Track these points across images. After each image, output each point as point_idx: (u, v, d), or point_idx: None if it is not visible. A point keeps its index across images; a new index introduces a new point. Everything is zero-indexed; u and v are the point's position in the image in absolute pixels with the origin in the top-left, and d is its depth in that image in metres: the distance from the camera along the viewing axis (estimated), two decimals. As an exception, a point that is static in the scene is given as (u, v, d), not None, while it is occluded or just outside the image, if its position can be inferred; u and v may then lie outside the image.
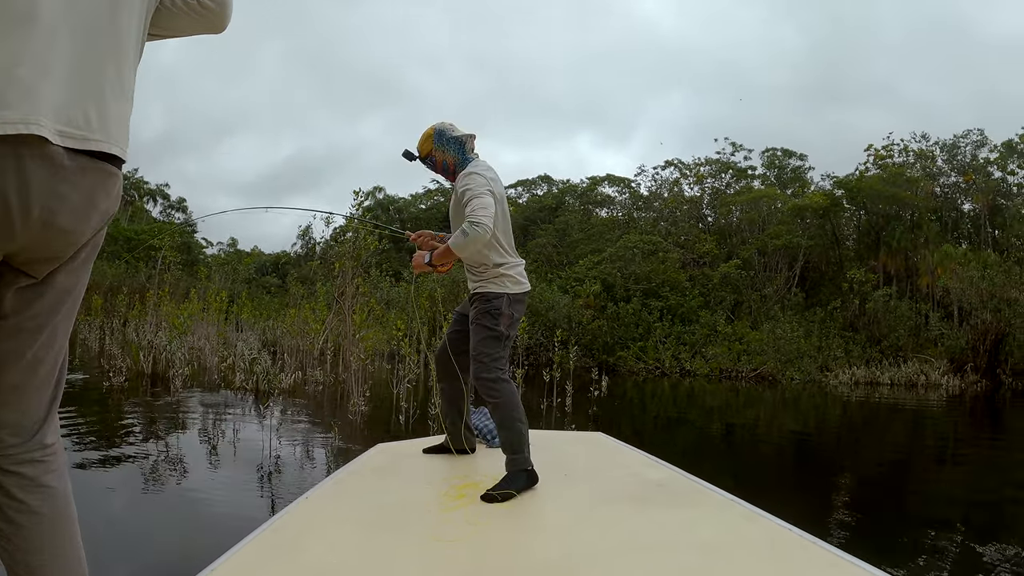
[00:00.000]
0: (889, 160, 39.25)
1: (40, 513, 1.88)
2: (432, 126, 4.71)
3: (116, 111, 1.86)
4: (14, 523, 1.85)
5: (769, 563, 3.09)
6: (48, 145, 1.66)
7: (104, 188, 1.84)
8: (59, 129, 1.69)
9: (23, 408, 1.89)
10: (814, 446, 12.42)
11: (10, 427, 1.87)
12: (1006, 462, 11.09)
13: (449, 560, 3.15)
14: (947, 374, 25.86)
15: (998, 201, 37.40)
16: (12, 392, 1.87)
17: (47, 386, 1.94)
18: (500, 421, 4.32)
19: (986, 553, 5.93)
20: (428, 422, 10.99)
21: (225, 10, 2.21)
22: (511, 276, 4.52)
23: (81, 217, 1.80)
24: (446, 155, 4.62)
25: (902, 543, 6.22)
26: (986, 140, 38.41)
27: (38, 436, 1.91)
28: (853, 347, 29.11)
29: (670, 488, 4.33)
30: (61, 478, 1.95)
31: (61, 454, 1.99)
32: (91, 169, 1.79)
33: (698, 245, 37.58)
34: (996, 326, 25.96)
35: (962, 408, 19.02)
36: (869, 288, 31.69)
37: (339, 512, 3.86)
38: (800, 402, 19.98)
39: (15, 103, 1.61)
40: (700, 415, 16.76)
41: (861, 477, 9.62)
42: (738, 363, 28.52)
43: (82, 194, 1.78)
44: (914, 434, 14.49)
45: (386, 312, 21.50)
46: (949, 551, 6.03)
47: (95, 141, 1.77)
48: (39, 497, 1.88)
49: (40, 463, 1.90)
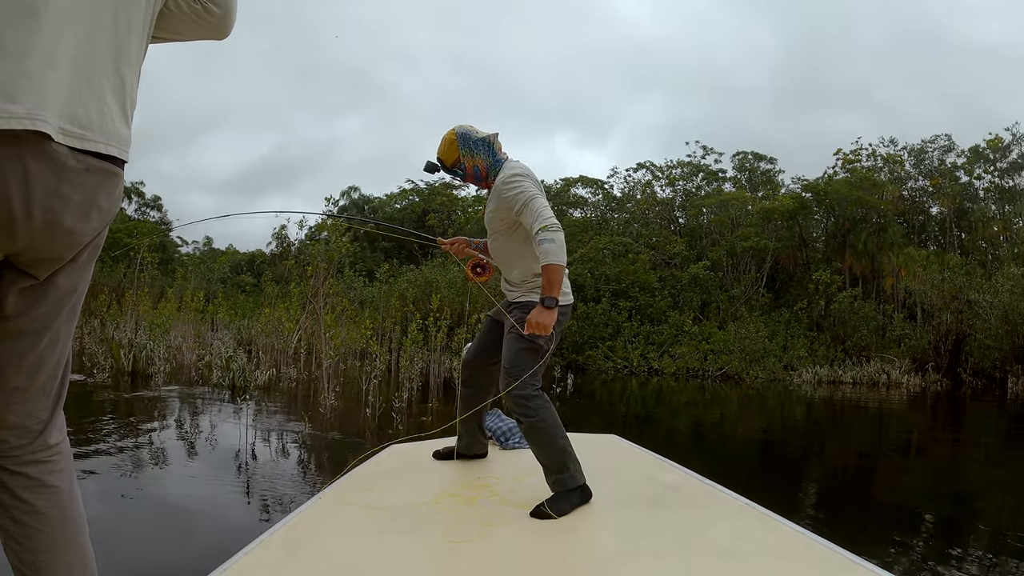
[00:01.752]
0: (857, 164, 40.02)
1: (45, 514, 1.86)
2: (452, 130, 4.32)
3: (118, 111, 1.85)
4: (20, 523, 1.84)
5: (784, 568, 3.10)
6: (51, 143, 1.65)
7: (105, 189, 1.83)
8: (62, 127, 1.67)
9: (26, 410, 1.87)
10: (779, 442, 12.88)
11: (13, 428, 1.86)
12: (965, 456, 11.70)
13: (462, 561, 3.15)
14: (908, 373, 26.51)
15: (965, 205, 38.16)
16: (15, 394, 1.85)
17: (50, 388, 1.93)
18: (540, 442, 3.96)
19: (950, 540, 6.30)
20: (392, 415, 11.49)
21: (228, 16, 2.21)
22: None
23: (83, 217, 1.78)
24: (476, 160, 4.27)
25: (868, 532, 6.50)
26: (953, 145, 39.29)
27: (42, 437, 1.90)
28: (818, 347, 29.77)
29: (685, 492, 4.29)
30: (67, 478, 1.95)
31: (67, 454, 1.99)
32: (94, 169, 1.77)
33: (669, 246, 38.07)
34: (957, 327, 26.61)
35: (924, 406, 19.59)
36: (835, 289, 32.37)
37: (352, 512, 3.83)
38: (764, 400, 20.52)
39: (23, 97, 1.60)
40: (667, 413, 17.24)
41: (827, 470, 10.18)
42: (704, 362, 29.12)
43: (84, 194, 1.76)
44: (878, 430, 15.01)
45: (359, 311, 21.84)
46: (915, 539, 6.38)
47: (94, 142, 1.76)
48: (44, 497, 1.87)
49: (45, 464, 1.89)
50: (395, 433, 10.28)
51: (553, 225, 3.82)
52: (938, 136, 39.59)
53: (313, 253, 16.30)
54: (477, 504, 3.98)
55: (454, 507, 3.92)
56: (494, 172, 4.25)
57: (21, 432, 1.86)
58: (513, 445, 5.53)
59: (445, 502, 4.03)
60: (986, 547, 6.08)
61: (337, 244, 15.80)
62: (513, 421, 5.53)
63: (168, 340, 18.59)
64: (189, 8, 2.11)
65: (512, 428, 5.64)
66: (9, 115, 1.56)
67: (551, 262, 3.79)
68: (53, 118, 1.63)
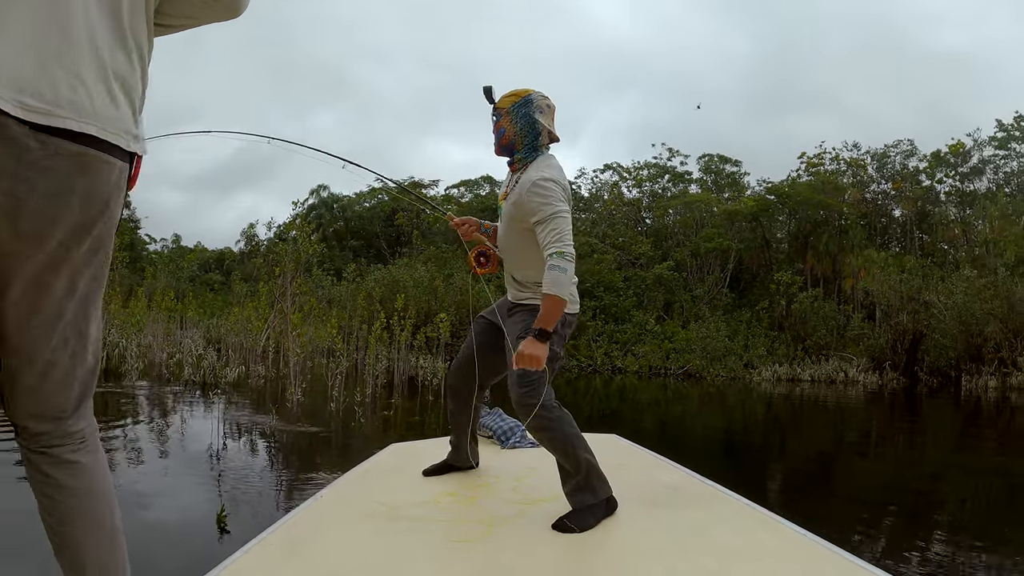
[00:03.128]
0: (821, 167, 40.71)
1: (71, 487, 1.88)
2: (530, 91, 3.92)
3: (102, 90, 1.68)
4: (49, 497, 1.87)
5: (785, 569, 3.09)
6: (7, 119, 1.48)
7: (88, 175, 1.66)
8: (19, 100, 1.50)
9: (43, 405, 1.86)
10: (741, 437, 13.33)
11: (34, 419, 1.87)
12: (925, 448, 12.31)
13: (463, 561, 3.12)
14: (864, 371, 27.19)
15: (926, 208, 38.89)
16: (29, 392, 1.84)
17: (69, 383, 1.89)
18: (561, 453, 3.70)
19: (911, 524, 6.68)
20: (355, 408, 11.99)
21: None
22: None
23: (56, 205, 1.62)
24: (511, 126, 3.89)
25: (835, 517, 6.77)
26: (915, 150, 39.93)
27: (65, 426, 1.90)
28: (778, 346, 30.40)
29: (686, 492, 4.28)
30: (92, 455, 1.95)
31: (93, 435, 1.99)
32: (66, 152, 1.60)
33: (635, 247, 38.49)
34: (914, 327, 27.30)
35: (882, 403, 20.11)
36: (796, 290, 32.99)
37: (352, 512, 3.79)
38: (725, 398, 21.03)
39: None
40: (631, 410, 17.63)
41: (790, 461, 10.63)
42: (667, 361, 29.71)
43: (55, 180, 1.59)
44: (840, 425, 15.52)
45: (327, 310, 22.15)
46: (878, 523, 6.72)
47: (63, 118, 1.57)
48: (70, 473, 1.88)
49: (67, 445, 1.90)
50: (357, 426, 10.73)
51: (569, 254, 3.55)
52: (900, 141, 40.31)
53: (281, 252, 16.59)
54: (477, 504, 3.96)
55: (454, 507, 3.91)
56: (522, 157, 3.90)
57: (42, 422, 1.87)
58: (514, 444, 5.49)
59: (445, 502, 4.00)
60: (944, 529, 6.50)
61: (305, 245, 16.10)
62: (514, 420, 5.57)
63: (139, 338, 18.87)
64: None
65: (513, 427, 5.58)
66: None
67: (554, 293, 3.52)
68: (7, 91, 1.47)
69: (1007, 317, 25.14)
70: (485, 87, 4.03)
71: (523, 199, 3.73)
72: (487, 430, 5.61)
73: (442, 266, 36.59)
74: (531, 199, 3.68)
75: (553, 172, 3.76)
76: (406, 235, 48.14)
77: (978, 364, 25.17)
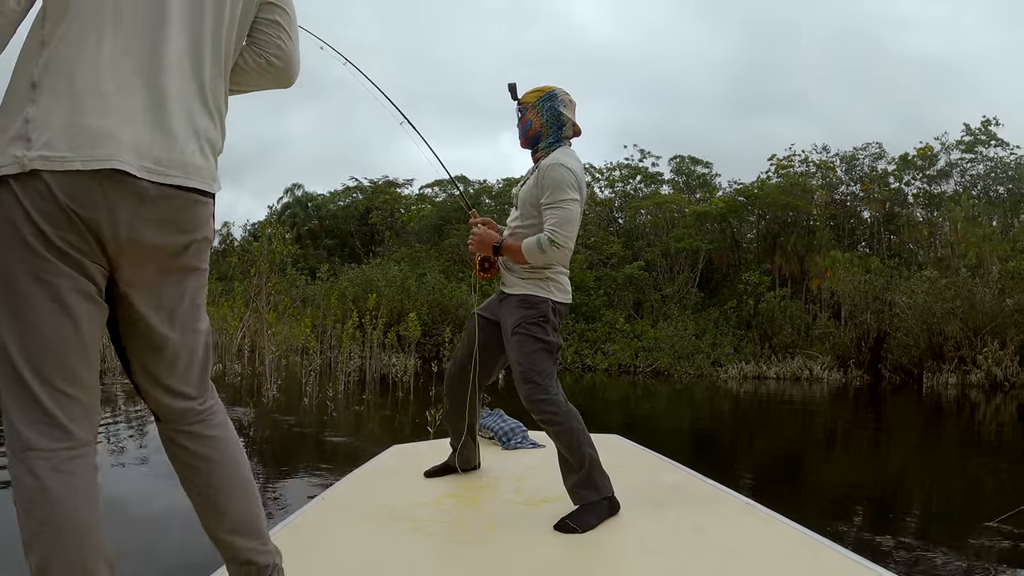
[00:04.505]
0: (790, 169, 41.22)
1: (209, 456, 2.19)
2: (553, 87, 4.13)
3: (196, 149, 2.04)
4: (192, 467, 2.19)
5: (787, 568, 3.10)
6: (132, 177, 1.86)
7: (186, 212, 2.03)
8: (143, 165, 1.88)
9: (171, 389, 2.16)
10: (709, 431, 13.80)
11: (170, 402, 2.17)
12: (889, 441, 12.88)
13: (465, 561, 3.16)
14: (829, 369, 27.70)
15: (894, 209, 39.42)
16: (156, 379, 2.13)
17: (191, 370, 2.19)
18: (566, 447, 3.74)
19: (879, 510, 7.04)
20: (327, 402, 12.52)
21: (290, 68, 2.37)
22: (557, 282, 4.01)
23: (162, 233, 1.98)
24: (538, 118, 4.05)
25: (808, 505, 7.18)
26: (884, 153, 40.37)
27: (195, 404, 2.20)
28: (745, 344, 30.95)
29: (687, 492, 4.29)
30: (222, 428, 2.26)
31: (220, 410, 2.30)
32: (172, 196, 1.97)
33: (606, 246, 38.79)
34: (878, 326, 27.86)
35: (847, 399, 20.57)
36: (764, 289, 33.48)
37: (355, 513, 3.83)
38: (693, 394, 21.45)
39: (106, 145, 1.83)
40: (601, 407, 17.85)
41: (759, 452, 11.10)
42: (636, 359, 30.19)
43: (163, 215, 1.96)
44: (808, 421, 16.00)
45: (301, 309, 22.44)
46: (848, 510, 7.05)
47: (172, 176, 1.95)
48: (207, 444, 2.20)
49: (202, 422, 2.21)
50: (330, 420, 11.11)
51: (561, 244, 3.74)
52: (869, 144, 40.74)
53: (256, 252, 16.87)
54: (479, 505, 3.97)
55: (456, 508, 3.93)
56: (546, 146, 4.03)
57: (176, 403, 2.17)
58: (515, 445, 5.51)
59: (447, 503, 4.02)
60: (910, 515, 6.90)
61: (279, 246, 16.41)
62: (515, 422, 5.64)
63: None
64: (254, 62, 2.31)
65: (514, 428, 5.59)
66: (96, 159, 1.80)
67: (526, 250, 3.80)
68: (133, 160, 1.85)
69: (968, 316, 25.68)
70: (509, 84, 4.21)
71: (540, 180, 3.88)
72: (488, 431, 5.66)
73: (415, 265, 36.86)
74: (546, 180, 3.84)
75: (572, 162, 3.90)
76: (380, 234, 48.31)
77: (939, 362, 25.62)
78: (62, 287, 1.84)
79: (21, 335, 1.84)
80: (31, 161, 1.75)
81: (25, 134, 1.77)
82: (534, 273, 3.94)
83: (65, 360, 1.87)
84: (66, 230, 1.81)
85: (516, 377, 3.86)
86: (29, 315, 1.83)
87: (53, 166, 1.76)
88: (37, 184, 1.77)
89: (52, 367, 1.86)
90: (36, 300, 1.83)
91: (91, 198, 1.81)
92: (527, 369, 3.80)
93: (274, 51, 2.31)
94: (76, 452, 1.88)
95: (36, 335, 1.84)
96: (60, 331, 1.85)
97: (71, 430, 1.87)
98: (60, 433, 1.86)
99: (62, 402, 1.87)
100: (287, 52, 2.34)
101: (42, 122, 1.78)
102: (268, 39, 2.31)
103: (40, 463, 1.82)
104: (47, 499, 1.82)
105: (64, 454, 1.85)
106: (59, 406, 1.86)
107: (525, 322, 3.87)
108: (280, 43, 2.32)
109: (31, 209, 1.78)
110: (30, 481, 1.82)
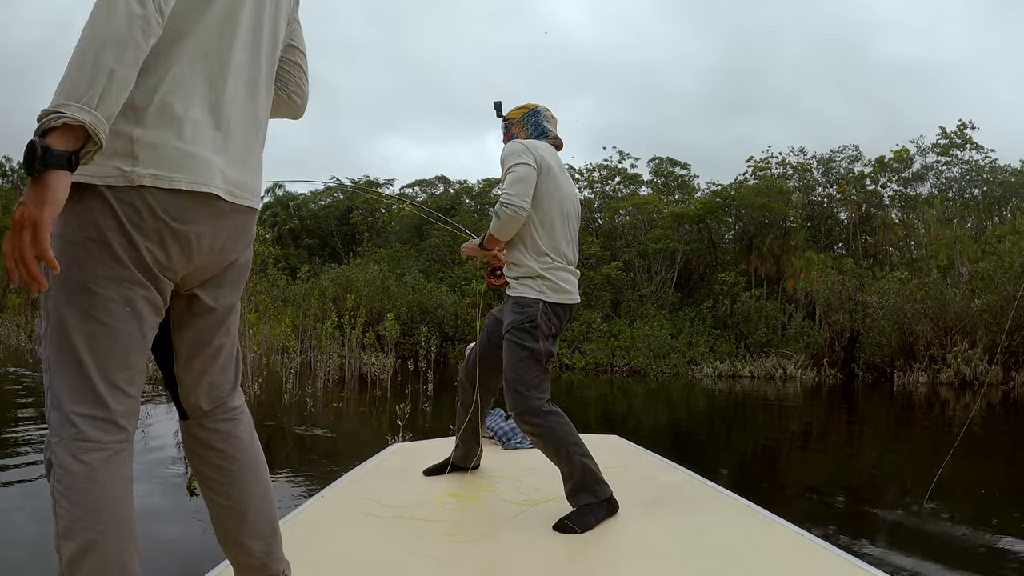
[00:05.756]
0: (767, 171, 41.68)
1: (234, 456, 2.29)
2: (536, 104, 4.32)
3: (256, 175, 2.28)
4: (215, 466, 2.27)
5: (785, 569, 3.10)
6: (221, 200, 2.07)
7: (247, 223, 2.25)
8: (229, 190, 2.09)
9: (212, 384, 2.29)
10: (685, 428, 13.96)
11: (206, 396, 2.28)
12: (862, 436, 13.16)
13: (463, 560, 3.15)
14: (802, 368, 28.15)
15: (870, 211, 39.94)
16: (203, 374, 2.26)
17: (229, 366, 2.34)
18: (554, 456, 3.76)
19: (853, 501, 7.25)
20: (307, 399, 12.82)
21: (304, 104, 2.63)
22: (550, 280, 3.92)
23: (233, 241, 2.19)
24: (523, 132, 4.21)
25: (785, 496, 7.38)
26: (860, 155, 40.88)
27: (227, 402, 2.33)
28: (721, 343, 31.35)
29: (686, 493, 4.30)
30: (247, 431, 2.37)
31: (246, 413, 2.41)
32: (241, 210, 2.18)
33: (585, 247, 39.04)
34: (851, 326, 28.32)
35: (822, 397, 20.88)
36: (739, 290, 33.81)
37: (354, 511, 3.82)
38: (669, 393, 21.70)
39: (204, 173, 2.03)
40: (579, 406, 17.98)
41: (737, 448, 11.36)
42: (613, 358, 30.51)
43: (234, 226, 2.17)
44: (784, 417, 16.29)
45: (282, 309, 22.63)
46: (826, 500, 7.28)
47: (245, 198, 2.18)
48: (232, 445, 2.30)
49: (231, 421, 2.32)
50: (309, 416, 11.38)
51: (506, 204, 3.79)
52: (846, 146, 41.22)
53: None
54: (478, 504, 3.98)
55: (455, 507, 3.93)
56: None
57: (210, 400, 2.29)
58: (515, 445, 5.56)
59: (447, 502, 4.02)
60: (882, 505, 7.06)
61: (260, 247, 16.62)
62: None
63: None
64: (277, 98, 2.50)
65: (514, 428, 5.63)
66: (197, 183, 2.00)
67: (491, 231, 3.91)
68: (222, 185, 2.06)
69: (938, 316, 26.18)
70: (495, 102, 4.37)
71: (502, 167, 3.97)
72: (488, 430, 5.67)
73: (395, 266, 37.09)
74: (501, 160, 3.96)
75: (529, 141, 4.01)
76: (360, 234, 48.39)
77: (910, 361, 26.10)
78: (136, 294, 1.97)
79: (91, 332, 1.92)
80: (140, 177, 1.90)
81: (131, 152, 1.90)
82: (524, 271, 3.92)
83: (129, 361, 1.98)
84: (152, 241, 1.95)
85: (504, 385, 3.89)
86: (102, 315, 1.92)
87: (161, 184, 1.92)
88: (136, 198, 1.91)
89: (117, 366, 1.96)
90: (111, 302, 1.93)
91: (187, 214, 1.99)
92: (512, 379, 3.80)
93: (295, 89, 2.56)
94: (124, 446, 1.97)
95: (107, 335, 1.93)
96: (128, 333, 1.97)
97: (123, 425, 1.96)
98: (115, 428, 1.94)
99: (119, 398, 1.96)
100: (304, 90, 2.59)
101: (148, 143, 1.92)
102: (291, 78, 2.55)
103: (92, 453, 1.88)
104: (96, 487, 1.87)
105: (116, 447, 1.93)
106: (117, 403, 1.95)
107: (515, 328, 3.86)
108: (300, 82, 2.57)
109: (125, 219, 1.91)
110: (81, 468, 1.86)
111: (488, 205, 47.21)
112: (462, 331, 31.27)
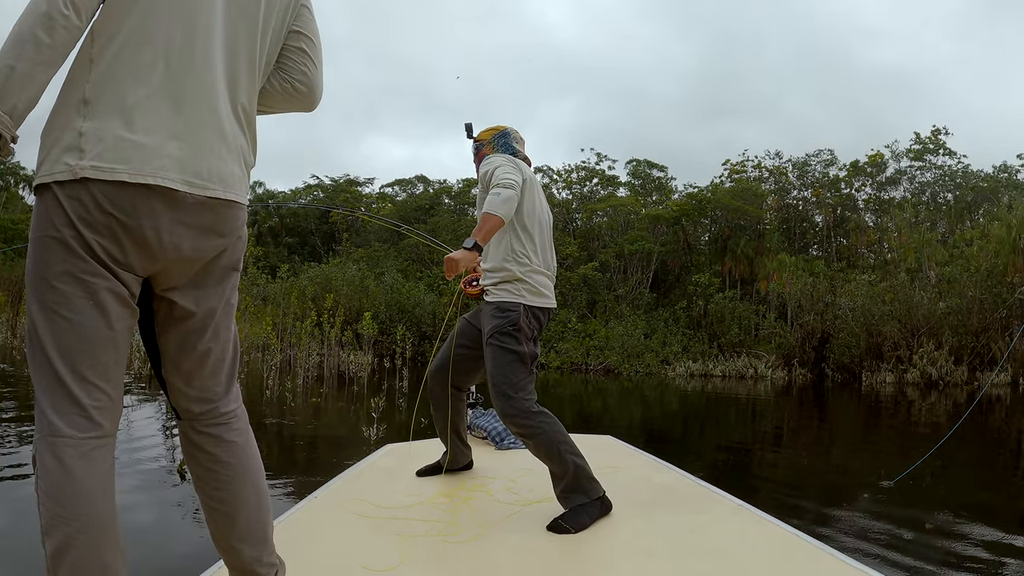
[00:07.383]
0: (743, 174, 42.13)
1: (227, 461, 2.24)
2: (504, 126, 4.42)
3: (232, 161, 2.17)
4: (209, 470, 2.23)
5: (779, 569, 3.10)
6: (176, 192, 1.98)
7: (222, 218, 2.14)
8: (185, 180, 2.00)
9: (201, 387, 2.23)
10: (659, 426, 14.29)
11: (196, 401, 2.23)
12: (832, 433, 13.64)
13: (457, 561, 3.16)
14: (773, 368, 28.59)
15: (845, 214, 40.43)
16: (190, 377, 2.21)
17: (220, 370, 2.27)
18: (545, 457, 3.77)
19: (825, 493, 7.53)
20: (287, 395, 13.30)
21: (314, 93, 2.48)
22: (529, 284, 4.01)
23: (201, 239, 2.09)
24: (494, 152, 4.28)
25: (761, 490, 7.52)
26: (835, 159, 41.28)
27: (219, 406, 2.27)
28: (694, 343, 31.71)
29: (680, 493, 4.30)
30: (242, 435, 2.32)
31: (242, 416, 2.36)
32: (209, 204, 2.08)
33: (563, 248, 39.20)
34: (821, 327, 28.81)
35: (792, 396, 21.22)
36: (713, 291, 34.17)
37: (347, 511, 3.82)
38: (642, 391, 22.02)
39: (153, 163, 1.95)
40: (554, 403, 18.21)
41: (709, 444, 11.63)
42: (587, 357, 30.74)
43: (201, 222, 2.07)
44: (757, 416, 16.56)
45: (262, 307, 22.89)
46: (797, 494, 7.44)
47: (212, 189, 2.07)
48: (225, 449, 2.24)
49: (223, 425, 2.27)
50: (289, 411, 11.75)
51: (506, 183, 3.78)
52: (821, 150, 41.63)
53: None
54: (472, 504, 4.00)
55: (449, 507, 3.94)
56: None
57: (201, 403, 2.25)
58: (508, 445, 5.57)
59: (440, 502, 4.03)
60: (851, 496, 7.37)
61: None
62: None
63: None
64: (280, 87, 2.41)
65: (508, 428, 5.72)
66: (143, 173, 1.93)
67: (487, 210, 3.72)
68: (176, 175, 1.98)
69: (905, 318, 26.75)
70: (466, 124, 4.46)
71: (482, 180, 4.05)
72: (481, 431, 5.74)
73: (374, 265, 37.36)
74: (483, 172, 4.03)
75: (508, 157, 4.14)
76: (340, 233, 48.44)
77: (878, 361, 26.63)
78: (97, 286, 1.94)
79: (56, 329, 1.92)
80: (82, 170, 1.88)
81: (78, 145, 1.90)
82: (503, 276, 3.99)
83: (96, 354, 1.96)
84: (104, 236, 1.93)
85: (490, 389, 3.89)
86: (64, 311, 1.92)
87: (103, 176, 1.89)
88: (82, 192, 1.89)
89: (84, 360, 1.94)
90: (72, 297, 1.92)
91: (135, 207, 1.94)
92: (499, 382, 3.82)
93: (299, 77, 2.43)
94: (101, 442, 1.95)
95: (70, 329, 1.92)
96: (93, 327, 1.95)
97: (98, 421, 1.94)
98: (88, 423, 1.92)
99: (92, 393, 1.94)
100: (311, 78, 2.46)
101: (94, 135, 1.91)
102: (294, 65, 2.43)
103: (67, 449, 1.88)
104: (72, 483, 1.86)
105: (91, 442, 1.92)
106: (89, 397, 1.93)
107: (497, 332, 3.90)
108: (305, 69, 2.44)
109: (72, 214, 1.90)
110: (55, 465, 1.86)
111: (468, 205, 47.34)
112: (439, 330, 31.53)
